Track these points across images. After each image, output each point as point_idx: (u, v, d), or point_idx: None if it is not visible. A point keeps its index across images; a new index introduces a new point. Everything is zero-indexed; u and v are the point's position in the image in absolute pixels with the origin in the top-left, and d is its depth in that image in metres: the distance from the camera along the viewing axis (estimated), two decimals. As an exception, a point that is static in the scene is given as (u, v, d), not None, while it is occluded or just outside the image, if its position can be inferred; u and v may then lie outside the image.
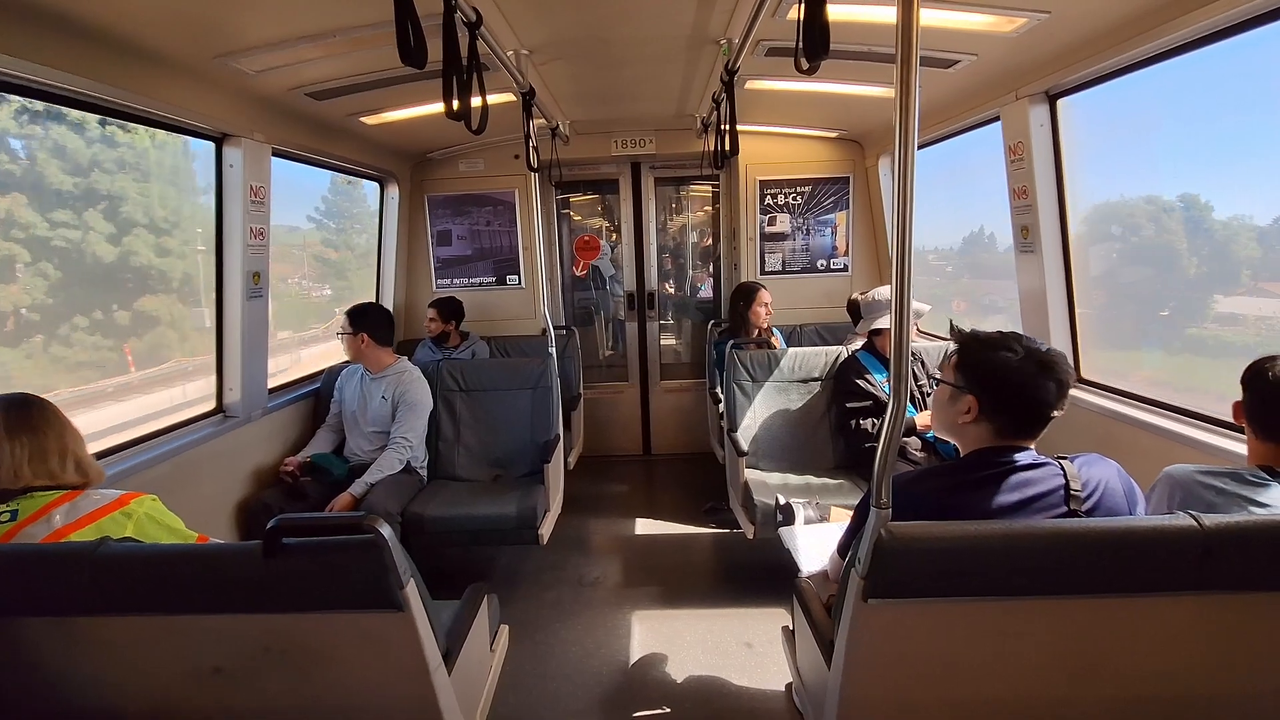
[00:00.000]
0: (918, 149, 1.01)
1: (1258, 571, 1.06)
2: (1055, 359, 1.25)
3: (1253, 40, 1.68)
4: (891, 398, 1.06)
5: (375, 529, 1.13)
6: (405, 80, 2.39)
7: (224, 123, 2.31)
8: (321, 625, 1.19)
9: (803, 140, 4.01)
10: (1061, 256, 2.42)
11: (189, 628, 1.20)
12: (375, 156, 3.50)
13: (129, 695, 1.29)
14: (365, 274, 4.08)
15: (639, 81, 2.98)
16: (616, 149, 4.11)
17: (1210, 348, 2.15)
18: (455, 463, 3.08)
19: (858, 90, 2.85)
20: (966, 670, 1.20)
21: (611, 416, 4.59)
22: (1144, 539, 1.06)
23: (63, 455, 1.40)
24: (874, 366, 2.77)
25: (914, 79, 0.98)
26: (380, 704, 1.31)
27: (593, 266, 4.56)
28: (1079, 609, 1.12)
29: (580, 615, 2.67)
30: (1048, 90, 2.31)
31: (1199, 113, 2.17)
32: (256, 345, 2.61)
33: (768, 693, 2.19)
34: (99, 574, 1.14)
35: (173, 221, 3.08)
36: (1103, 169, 2.45)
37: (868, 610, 1.12)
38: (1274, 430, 1.29)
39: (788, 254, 4.15)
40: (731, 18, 2.13)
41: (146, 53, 1.90)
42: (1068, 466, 1.25)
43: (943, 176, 3.64)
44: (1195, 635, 1.13)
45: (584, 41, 2.38)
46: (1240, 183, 2.09)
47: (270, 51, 2.01)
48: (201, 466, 2.35)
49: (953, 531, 1.09)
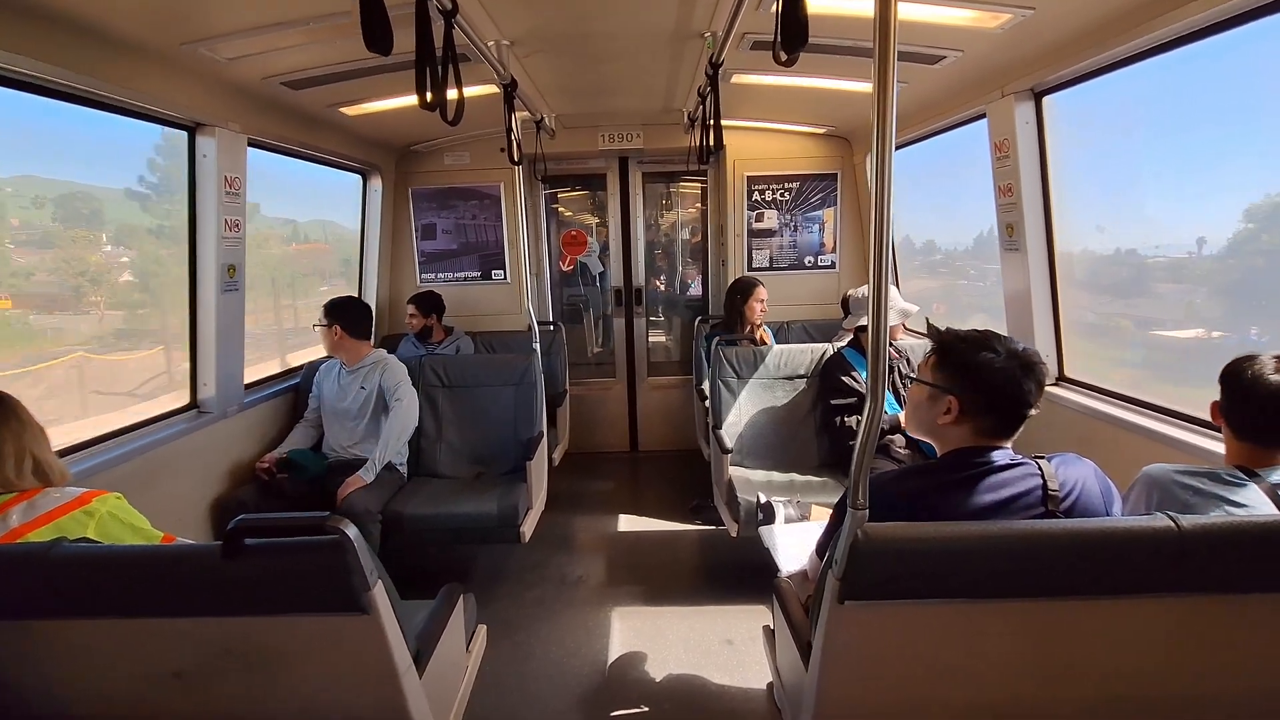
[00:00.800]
0: (906, 145, 1.00)
1: (1235, 573, 1.06)
2: (1034, 359, 1.24)
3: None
4: (869, 398, 1.04)
5: (340, 530, 1.09)
6: (385, 70, 2.34)
7: (197, 112, 2.25)
8: (285, 628, 1.16)
9: (790, 136, 3.99)
10: (1046, 255, 2.42)
11: (148, 631, 1.17)
12: (357, 148, 3.44)
13: (85, 700, 1.25)
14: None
15: (624, 75, 2.94)
16: (603, 143, 4.07)
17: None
18: (437, 460, 3.04)
19: (844, 86, 2.84)
20: (944, 672, 1.19)
21: (598, 413, 4.56)
22: (1121, 540, 1.05)
23: (19, 459, 1.35)
24: (859, 363, 2.76)
25: (891, 74, 0.96)
26: (347, 708, 1.28)
27: (580, 262, 4.53)
28: (1056, 610, 1.11)
29: (562, 614, 2.65)
30: (1033, 88, 2.30)
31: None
32: (232, 339, 2.55)
33: (748, 691, 2.18)
34: (53, 576, 1.10)
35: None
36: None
37: (844, 612, 1.10)
38: (1249, 430, 1.29)
39: (775, 250, 4.14)
40: (715, 10, 2.10)
41: (113, 39, 1.84)
42: (1045, 466, 1.24)
43: (955, 167, 3.48)
44: (1172, 637, 1.13)
45: (567, 33, 2.34)
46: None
47: (242, 38, 1.95)
48: (174, 463, 2.30)
49: (930, 533, 1.07)
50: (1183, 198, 2.21)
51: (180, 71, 2.11)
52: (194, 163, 2.37)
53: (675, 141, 3.93)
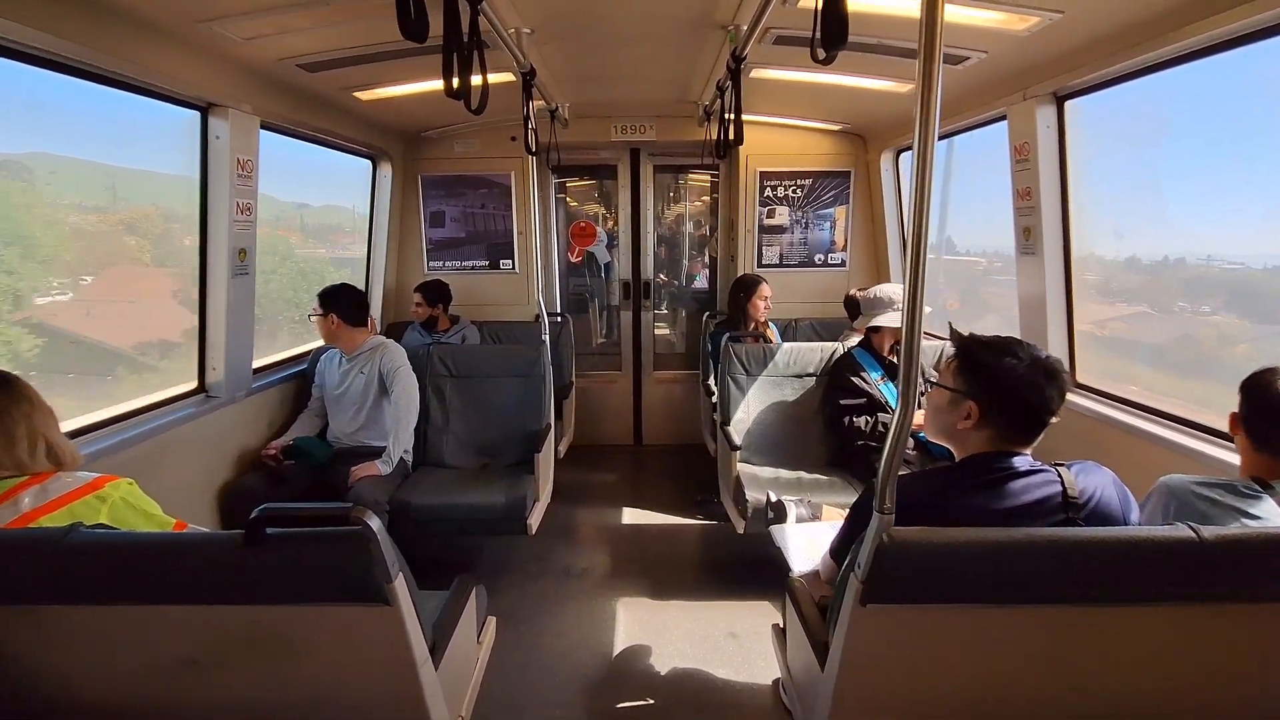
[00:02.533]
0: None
1: (1255, 583, 1.06)
2: (1057, 366, 1.24)
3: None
4: (900, 403, 1.03)
5: (364, 521, 1.09)
6: (401, 55, 2.31)
7: (210, 92, 2.22)
8: (303, 618, 1.15)
9: (805, 132, 3.96)
10: (1063, 260, 2.41)
11: (163, 618, 1.16)
12: (368, 133, 3.40)
13: (96, 686, 1.24)
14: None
15: (641, 64, 2.91)
16: (616, 134, 4.04)
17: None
18: (443, 449, 3.04)
19: (866, 84, 2.81)
20: (963, 676, 1.20)
21: (603, 406, 4.55)
22: (1144, 549, 1.05)
23: (32, 442, 1.33)
24: (870, 364, 2.76)
25: (937, 74, 0.94)
26: (364, 698, 1.28)
27: (589, 253, 4.51)
28: (1078, 617, 1.11)
29: (567, 606, 2.65)
30: (1055, 91, 2.28)
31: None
32: (242, 324, 2.54)
33: (753, 686, 2.19)
34: (70, 561, 1.09)
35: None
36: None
37: (865, 614, 1.10)
38: (1268, 441, 1.29)
39: (785, 247, 4.12)
40: (741, 3, 2.07)
41: (130, 16, 1.81)
42: (1064, 473, 1.24)
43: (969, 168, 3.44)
44: (1192, 646, 1.13)
45: (587, 20, 2.31)
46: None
47: (258, 18, 1.92)
48: (182, 448, 2.28)
49: (954, 537, 1.07)
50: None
51: (195, 51, 2.08)
52: (206, 144, 2.35)
53: (689, 134, 3.90)
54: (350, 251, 4.15)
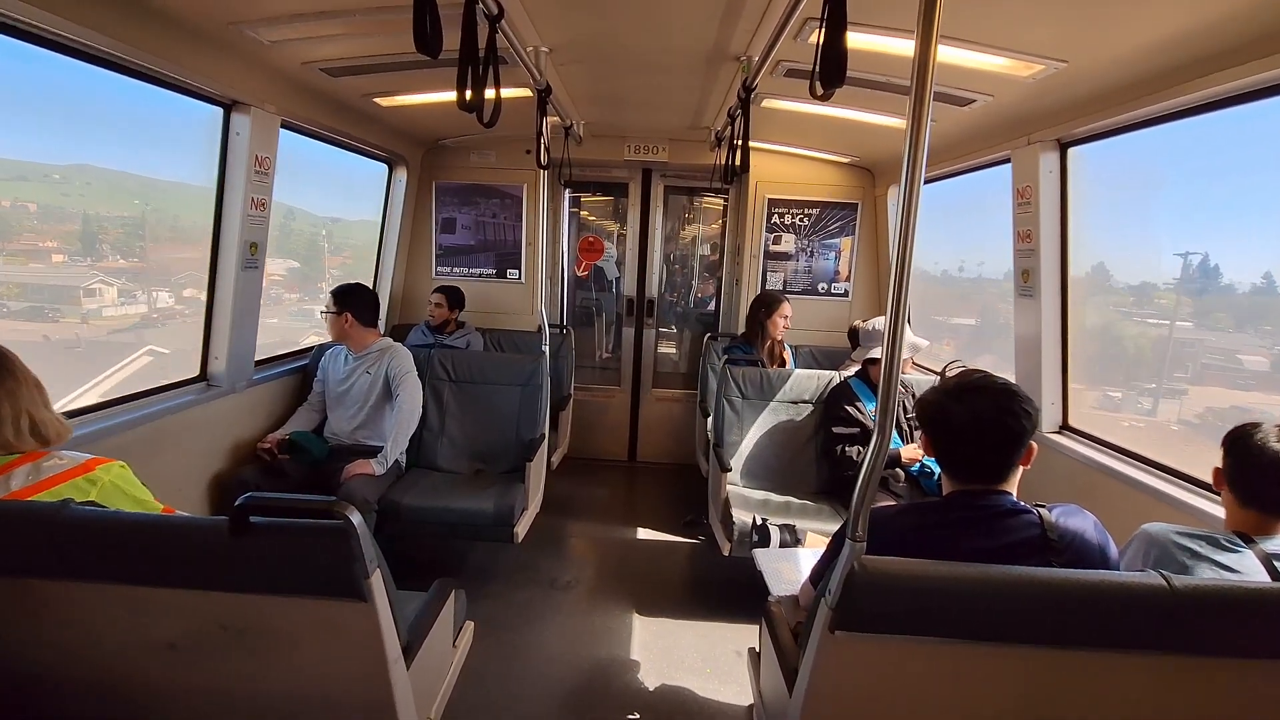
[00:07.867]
0: (929, 182, 1.03)
1: (1224, 636, 1.06)
2: (1000, 416, 1.21)
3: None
4: (876, 431, 1.05)
5: (345, 516, 1.11)
6: (421, 66, 2.37)
7: (235, 90, 2.29)
8: (282, 608, 1.17)
9: (815, 163, 4.02)
10: (1059, 303, 2.43)
11: (147, 599, 1.18)
12: (386, 139, 3.48)
13: (78, 663, 1.26)
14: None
15: (657, 90, 2.98)
16: (629, 154, 4.11)
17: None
18: (437, 453, 3.06)
19: (873, 119, 2.87)
20: (929, 710, 1.20)
21: (600, 420, 4.57)
22: (1115, 595, 1.06)
23: (16, 419, 1.30)
24: (865, 394, 2.77)
25: (926, 113, 0.98)
26: (335, 691, 1.29)
27: (595, 268, 4.56)
28: (1046, 659, 1.11)
29: (549, 618, 2.65)
30: (1059, 138, 2.33)
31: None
32: (248, 316, 2.58)
33: (727, 709, 2.17)
34: (62, 537, 1.12)
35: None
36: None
37: (834, 641, 1.11)
38: (1253, 497, 1.29)
39: (790, 274, 4.16)
40: (753, 37, 2.13)
41: (165, 14, 1.88)
42: (1045, 516, 1.24)
43: (971, 207, 3.48)
44: (1160, 695, 1.13)
45: (605, 46, 2.37)
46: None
47: (287, 24, 1.99)
48: (179, 435, 2.32)
49: (926, 570, 1.08)
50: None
51: (224, 50, 2.15)
52: (226, 140, 2.41)
53: (700, 158, 3.97)
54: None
